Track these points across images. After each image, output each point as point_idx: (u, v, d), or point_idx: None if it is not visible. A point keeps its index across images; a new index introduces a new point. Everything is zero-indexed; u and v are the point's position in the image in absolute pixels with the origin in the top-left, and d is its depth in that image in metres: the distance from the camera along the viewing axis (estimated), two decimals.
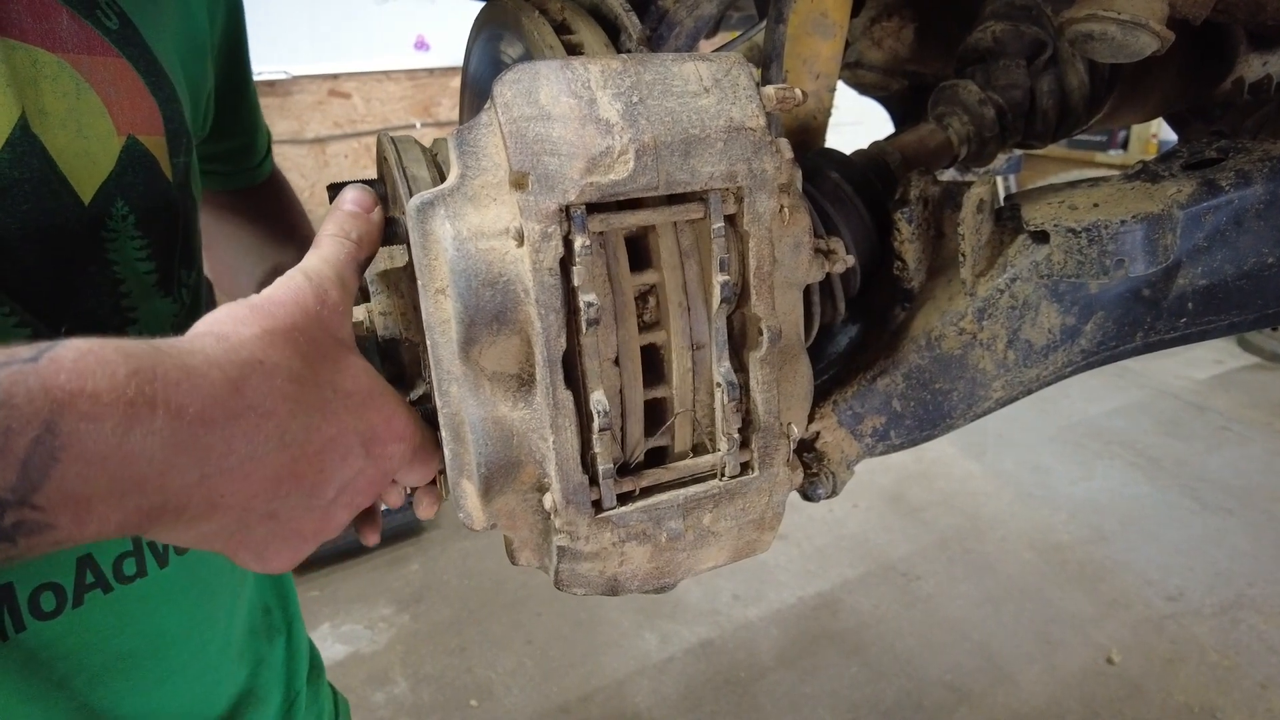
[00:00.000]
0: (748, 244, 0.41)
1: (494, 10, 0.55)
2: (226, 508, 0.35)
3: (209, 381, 0.34)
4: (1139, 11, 0.53)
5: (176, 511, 0.34)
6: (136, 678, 0.59)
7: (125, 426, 0.30)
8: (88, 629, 0.55)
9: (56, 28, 0.51)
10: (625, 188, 0.38)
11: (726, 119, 0.39)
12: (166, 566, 0.60)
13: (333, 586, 2.93)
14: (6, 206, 0.48)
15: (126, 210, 0.55)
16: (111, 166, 0.54)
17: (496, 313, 0.38)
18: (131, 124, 0.55)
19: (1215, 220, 0.55)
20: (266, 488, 0.36)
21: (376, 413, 0.41)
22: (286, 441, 0.36)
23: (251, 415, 0.35)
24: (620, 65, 0.39)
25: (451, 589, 2.90)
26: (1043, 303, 0.59)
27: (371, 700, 2.45)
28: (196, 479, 0.33)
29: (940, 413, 0.63)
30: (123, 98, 0.54)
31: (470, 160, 0.38)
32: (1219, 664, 2.35)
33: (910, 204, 0.59)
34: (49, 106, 0.50)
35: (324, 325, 0.40)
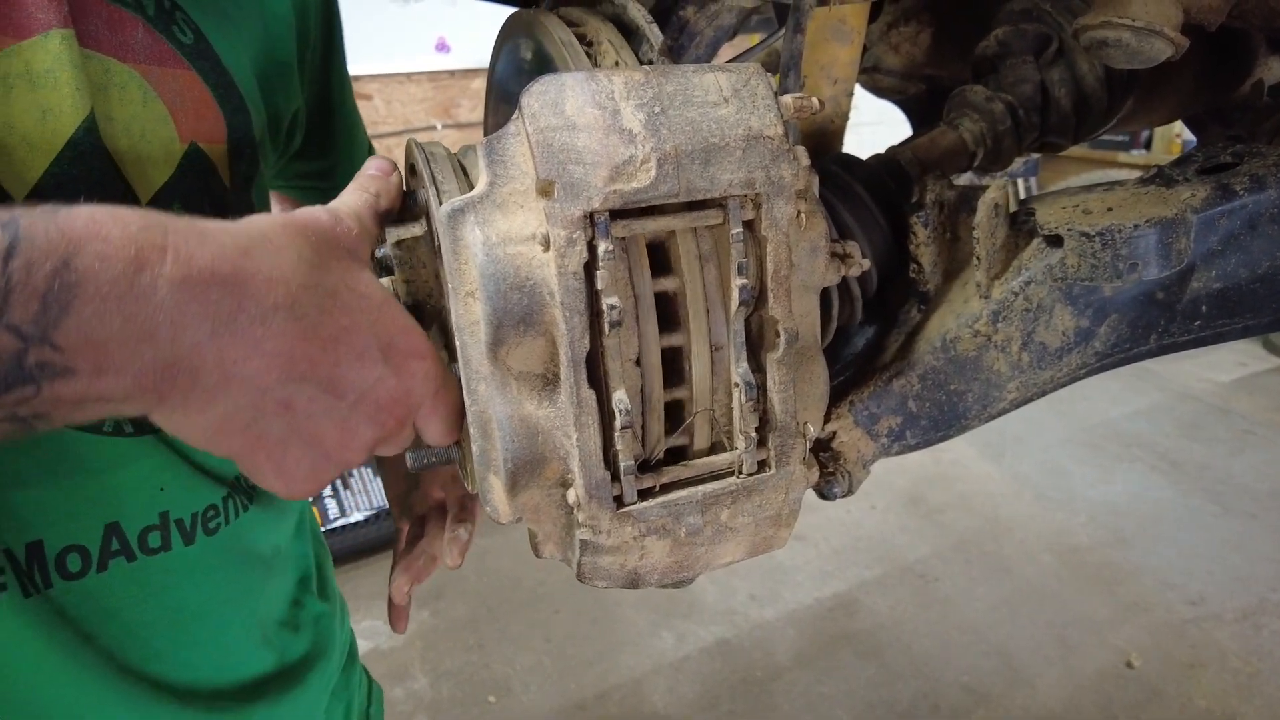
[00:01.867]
0: (765, 248, 0.42)
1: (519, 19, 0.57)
2: (240, 381, 0.36)
3: (218, 241, 0.35)
4: (1153, 18, 0.54)
5: (190, 375, 0.34)
6: (158, 645, 0.62)
7: (136, 267, 0.32)
8: (111, 594, 0.58)
9: (131, 40, 0.54)
10: (647, 195, 0.39)
11: (745, 128, 0.41)
12: (192, 545, 0.62)
13: (353, 583, 2.97)
14: (64, 201, 0.51)
15: (183, 212, 0.57)
16: (172, 171, 0.57)
17: (523, 315, 0.40)
18: (195, 132, 0.58)
19: (1229, 224, 0.56)
20: (279, 363, 0.37)
21: (393, 321, 0.41)
22: (297, 314, 0.37)
23: (260, 278, 0.36)
24: (643, 77, 0.40)
25: (470, 587, 2.93)
26: (1057, 305, 0.60)
27: (391, 695, 2.48)
28: (207, 334, 0.34)
29: (955, 414, 0.64)
30: (188, 107, 0.57)
31: (499, 169, 0.40)
32: (1241, 669, 2.33)
33: (926, 208, 0.60)
34: (115, 113, 0.53)
35: (339, 239, 0.41)
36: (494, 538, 3.18)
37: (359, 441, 0.41)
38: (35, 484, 0.55)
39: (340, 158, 0.89)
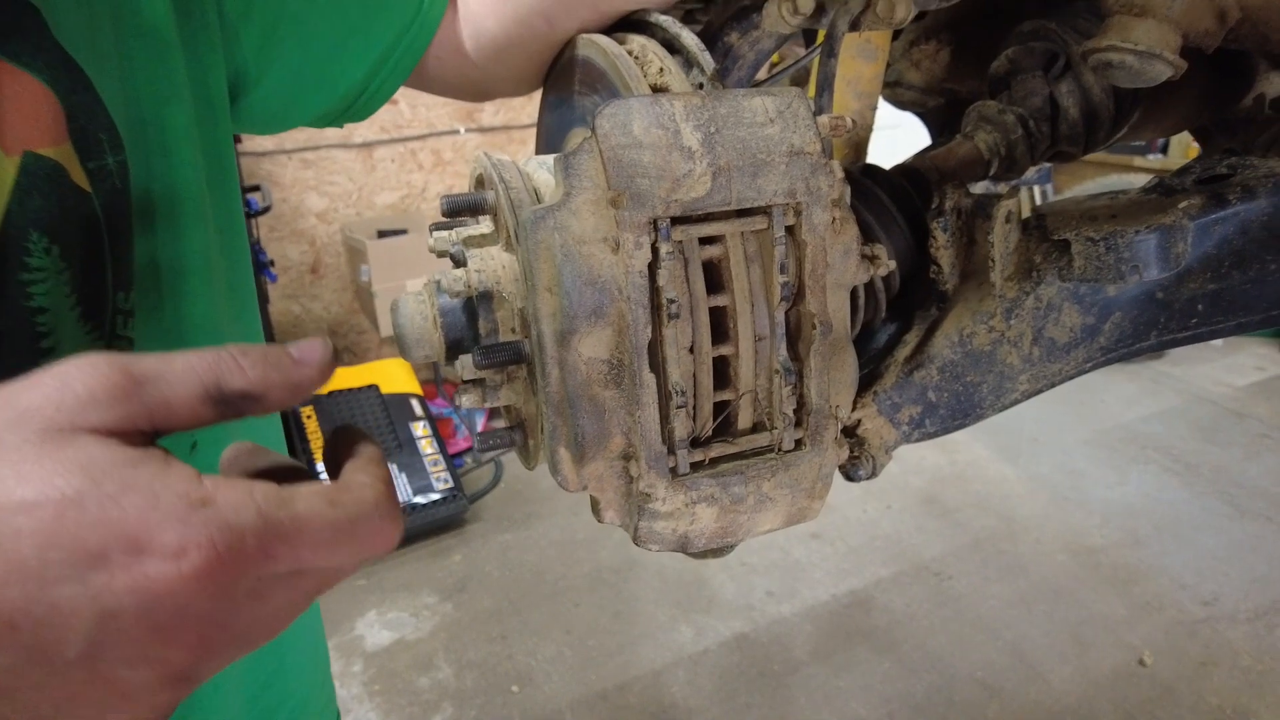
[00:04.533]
0: (804, 250, 0.48)
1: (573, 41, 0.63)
2: None
3: None
4: (1154, 43, 0.59)
5: None
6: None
7: None
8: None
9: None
10: (703, 204, 0.45)
11: (788, 145, 0.47)
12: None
13: (379, 575, 3.05)
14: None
15: (42, 238, 0.47)
16: (8, 194, 0.46)
17: (594, 308, 0.46)
18: (26, 138, 0.47)
19: (1223, 230, 0.61)
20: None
21: (95, 509, 0.29)
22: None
23: None
24: (700, 101, 0.46)
25: (493, 580, 3.00)
26: (1065, 304, 0.65)
27: (417, 684, 2.55)
28: None
29: (971, 403, 0.69)
30: (5, 107, 0.46)
31: (574, 181, 0.46)
32: (1253, 668, 2.36)
33: (945, 214, 0.65)
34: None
35: (30, 418, 0.30)
36: (517, 533, 3.25)
37: (136, 688, 0.31)
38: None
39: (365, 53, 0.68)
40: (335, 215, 4.15)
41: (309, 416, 3.33)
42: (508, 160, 0.59)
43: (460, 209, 0.56)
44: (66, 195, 0.49)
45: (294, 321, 4.20)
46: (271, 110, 0.72)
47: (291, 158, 3.97)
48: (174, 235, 0.59)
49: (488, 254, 0.57)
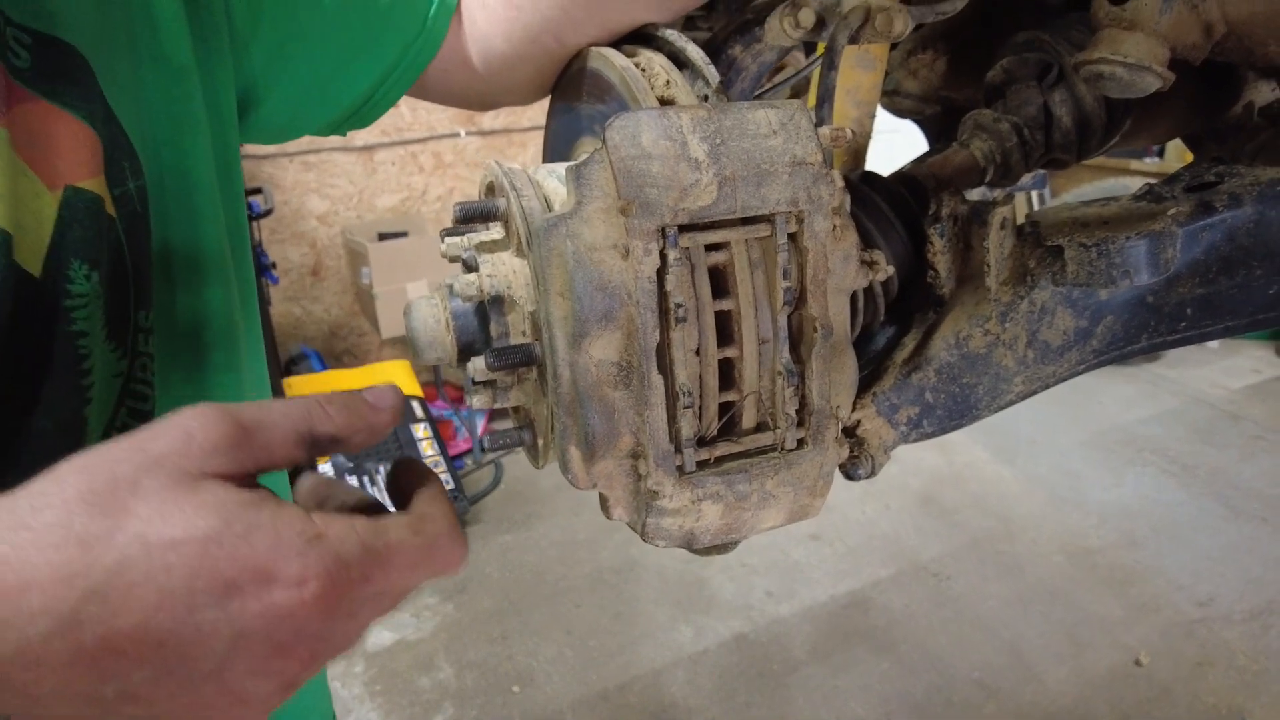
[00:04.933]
0: (806, 257, 0.50)
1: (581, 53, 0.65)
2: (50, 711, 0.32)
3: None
4: (1143, 56, 0.61)
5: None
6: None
7: None
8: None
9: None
10: (709, 213, 0.47)
11: (791, 155, 0.49)
12: None
13: None
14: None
15: (83, 266, 0.50)
16: (51, 227, 0.48)
17: (605, 312, 0.48)
18: (68, 173, 0.49)
19: (1210, 237, 0.63)
20: (83, 676, 0.32)
21: (229, 548, 0.33)
22: (75, 619, 0.31)
23: (34, 590, 0.31)
24: (706, 114, 0.48)
25: (493, 581, 3.02)
26: (1058, 308, 0.67)
27: (418, 684, 2.56)
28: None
29: (968, 404, 0.71)
30: (49, 145, 0.48)
31: (585, 190, 0.48)
32: (1248, 668, 2.38)
33: (942, 221, 0.67)
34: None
35: (167, 463, 0.34)
36: (517, 534, 3.27)
37: (255, 696, 0.36)
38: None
39: (370, 62, 0.69)
40: (336, 218, 4.17)
41: None
42: (518, 169, 0.61)
43: (473, 216, 0.58)
44: (102, 224, 0.51)
45: (295, 324, 4.22)
46: (277, 124, 0.74)
47: (293, 160, 3.99)
48: (190, 253, 0.61)
49: (499, 259, 0.59)
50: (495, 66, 0.68)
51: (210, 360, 0.65)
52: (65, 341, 0.49)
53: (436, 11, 0.67)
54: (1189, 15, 0.60)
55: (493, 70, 0.69)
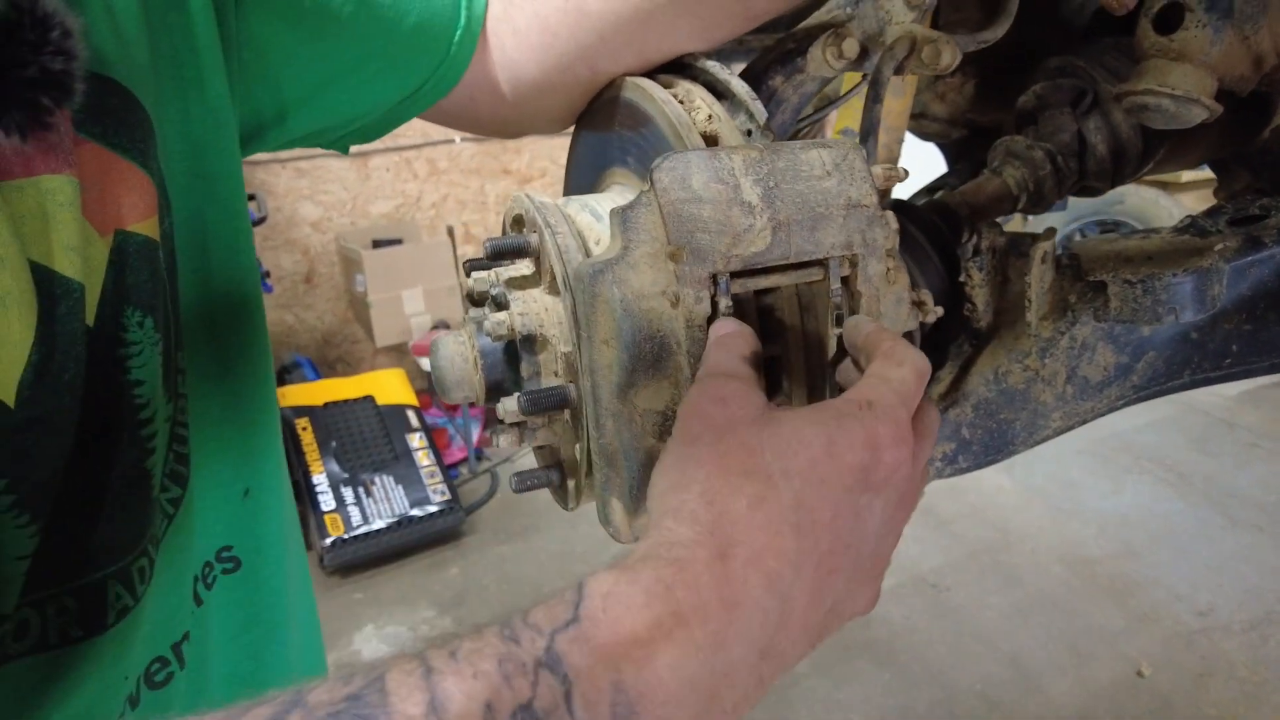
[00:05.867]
0: (859, 301, 0.48)
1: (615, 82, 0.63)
2: (794, 644, 0.37)
3: (705, 569, 0.34)
4: (1191, 88, 0.60)
5: (758, 687, 0.36)
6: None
7: (675, 654, 0.32)
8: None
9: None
10: (762, 259, 0.45)
11: (845, 198, 0.47)
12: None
13: (375, 589, 3.03)
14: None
15: (136, 312, 0.49)
16: (102, 273, 0.47)
17: (653, 361, 0.46)
18: (119, 218, 0.48)
19: (1258, 273, 0.62)
20: (812, 604, 0.37)
21: (842, 445, 0.38)
22: (800, 562, 0.36)
23: (755, 565, 0.35)
24: (758, 154, 0.46)
25: (490, 593, 2.98)
26: (1099, 344, 0.65)
27: None
28: (756, 657, 0.35)
29: (1004, 440, 0.69)
30: (102, 191, 0.46)
31: (632, 235, 0.46)
32: (1248, 679, 2.38)
33: (981, 254, 0.66)
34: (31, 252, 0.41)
35: (734, 427, 0.39)
36: (514, 545, 3.24)
37: (892, 546, 0.43)
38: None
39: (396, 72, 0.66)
40: (330, 224, 4.13)
41: (304, 428, 3.31)
42: (549, 202, 0.59)
43: (505, 252, 0.56)
44: (157, 268, 0.50)
45: (288, 331, 4.18)
46: (283, 142, 0.72)
47: (285, 167, 3.95)
48: (218, 286, 0.60)
49: (530, 296, 0.57)
50: (524, 94, 0.66)
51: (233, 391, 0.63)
52: (124, 391, 0.48)
53: (461, 38, 0.64)
54: (1239, 47, 0.59)
55: (521, 97, 0.67)
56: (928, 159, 1.06)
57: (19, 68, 0.39)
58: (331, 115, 0.69)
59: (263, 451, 0.67)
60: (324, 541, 2.96)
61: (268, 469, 0.67)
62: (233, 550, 0.63)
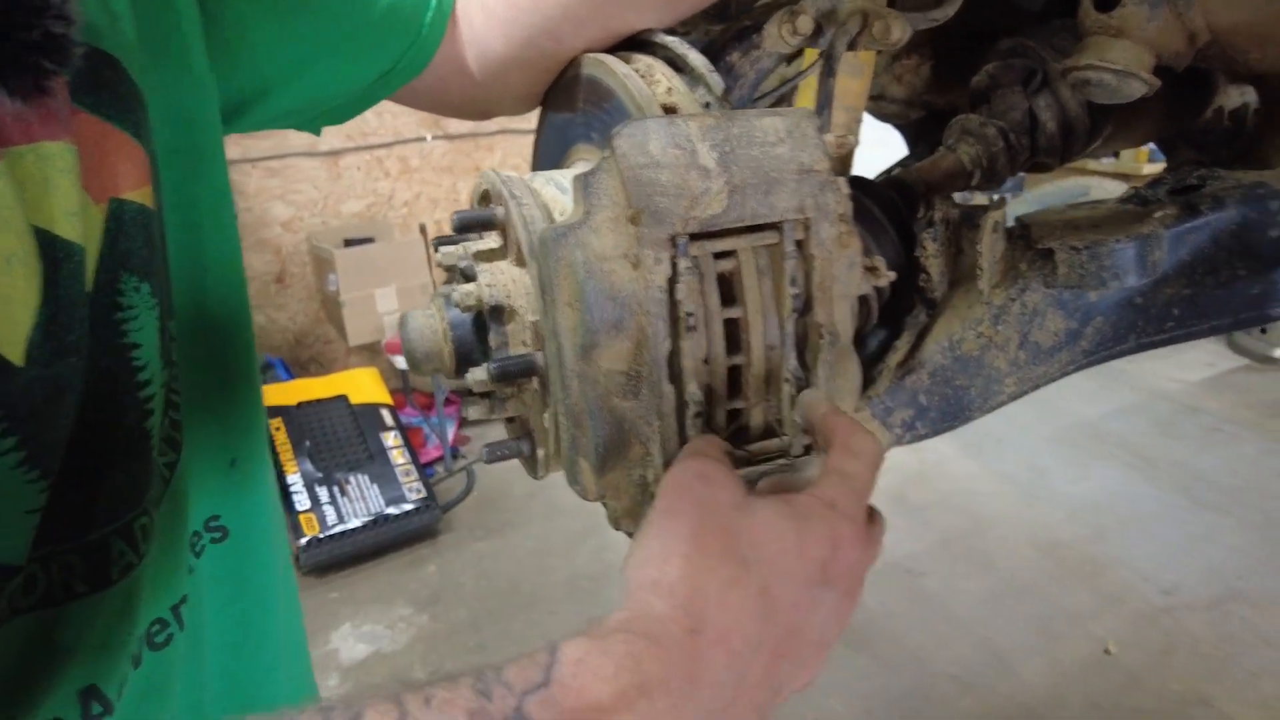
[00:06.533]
0: (813, 264, 0.50)
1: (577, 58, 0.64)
2: (740, 717, 0.39)
3: (675, 644, 0.37)
4: (1130, 63, 0.62)
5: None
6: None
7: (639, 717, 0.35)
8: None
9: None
10: (719, 221, 0.47)
11: (798, 163, 0.49)
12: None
13: (351, 588, 3.01)
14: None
15: (131, 278, 0.50)
16: (99, 240, 0.47)
17: (615, 322, 0.47)
18: (113, 186, 0.48)
19: (1196, 239, 0.64)
20: (762, 683, 0.39)
21: (810, 540, 0.41)
22: (759, 644, 0.39)
23: (721, 644, 0.38)
24: (714, 121, 0.48)
25: (468, 590, 2.98)
26: (1049, 310, 0.68)
27: None
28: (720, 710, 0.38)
29: (960, 406, 0.72)
30: (97, 159, 0.47)
31: (594, 199, 0.47)
32: (1212, 654, 2.44)
33: (935, 225, 0.68)
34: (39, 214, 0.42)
35: (715, 508, 0.42)
36: (491, 542, 3.24)
37: (829, 641, 0.44)
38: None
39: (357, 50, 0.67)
40: (301, 224, 4.10)
41: (277, 429, 3.29)
42: (516, 176, 0.60)
43: (471, 225, 0.57)
44: (153, 234, 0.51)
45: (260, 332, 4.14)
46: (255, 123, 0.73)
47: (255, 166, 3.92)
48: (206, 257, 0.61)
49: (498, 268, 0.58)
50: (492, 71, 0.68)
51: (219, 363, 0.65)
52: (121, 354, 0.50)
53: (433, 18, 0.66)
54: (1174, 23, 0.62)
55: (489, 75, 0.68)
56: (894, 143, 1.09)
57: (24, 30, 0.39)
58: (309, 94, 0.71)
59: (247, 424, 0.68)
60: (299, 541, 2.95)
61: (252, 441, 0.69)
62: (220, 520, 0.64)
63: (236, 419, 0.65)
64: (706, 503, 0.42)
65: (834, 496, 0.44)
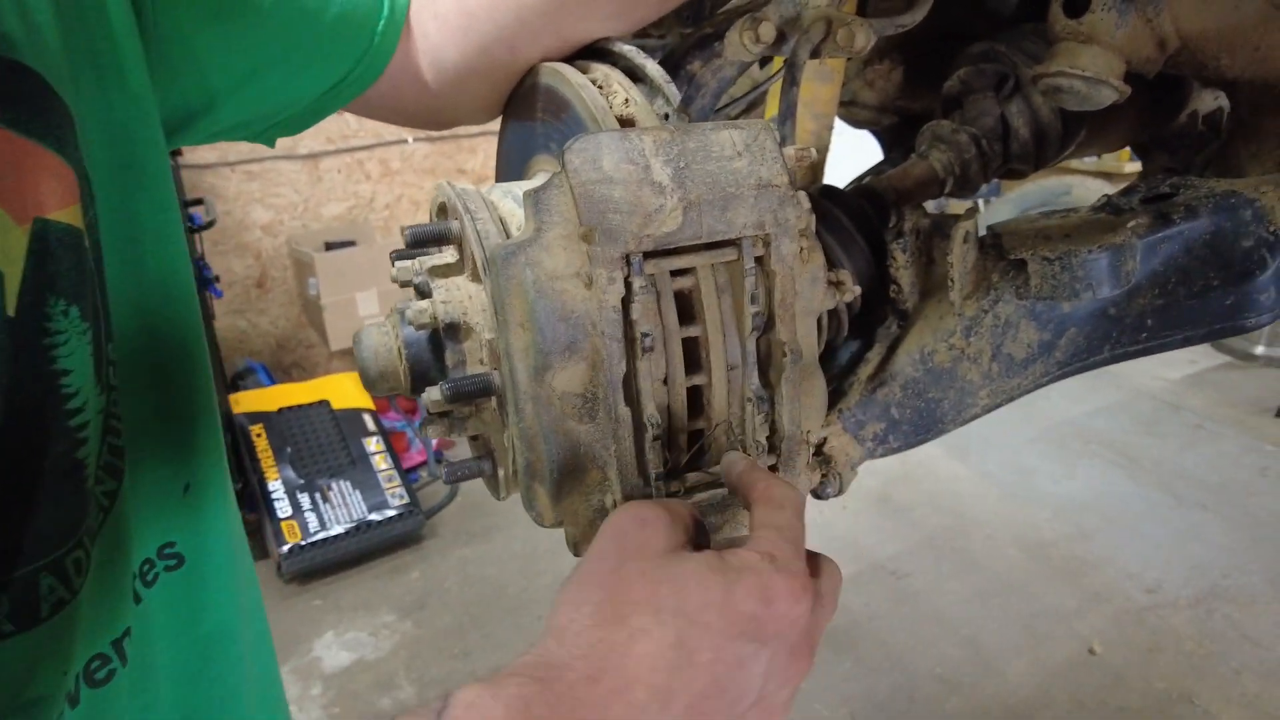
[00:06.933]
0: (774, 280, 0.49)
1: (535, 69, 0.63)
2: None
3: (567, 689, 0.37)
4: (1100, 69, 0.61)
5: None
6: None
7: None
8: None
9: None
10: (674, 238, 0.45)
11: (756, 178, 0.47)
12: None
13: (335, 595, 2.98)
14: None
15: (59, 301, 0.48)
16: (21, 263, 0.46)
17: (569, 343, 0.46)
18: (38, 205, 0.47)
19: (1169, 249, 0.63)
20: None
21: (739, 594, 0.39)
22: (668, 699, 0.38)
23: (621, 695, 0.37)
24: (669, 135, 0.46)
25: (452, 596, 2.96)
26: (1022, 321, 0.67)
27: (378, 705, 2.50)
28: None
29: (933, 419, 0.70)
30: (15, 178, 0.45)
31: (545, 216, 0.46)
32: (1195, 652, 2.45)
33: (905, 235, 0.67)
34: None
35: (643, 554, 0.41)
36: (476, 547, 3.22)
37: (781, 704, 0.43)
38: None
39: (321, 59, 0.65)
40: (281, 228, 4.06)
41: (259, 435, 3.25)
42: (472, 189, 0.58)
43: (425, 240, 0.55)
44: (81, 256, 0.49)
45: (240, 337, 4.10)
46: (207, 134, 0.71)
47: (235, 170, 3.88)
48: (146, 277, 0.59)
49: (453, 284, 0.56)
50: (447, 80, 0.66)
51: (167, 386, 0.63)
52: (49, 381, 0.48)
53: (385, 27, 0.64)
54: (1144, 29, 0.60)
55: (444, 84, 0.66)
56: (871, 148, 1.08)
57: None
58: (258, 106, 0.69)
59: (203, 448, 0.66)
60: (281, 549, 2.92)
61: (208, 465, 0.66)
62: (175, 546, 0.62)
63: (190, 442, 0.63)
64: (637, 550, 0.41)
65: (770, 549, 0.42)
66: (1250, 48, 0.62)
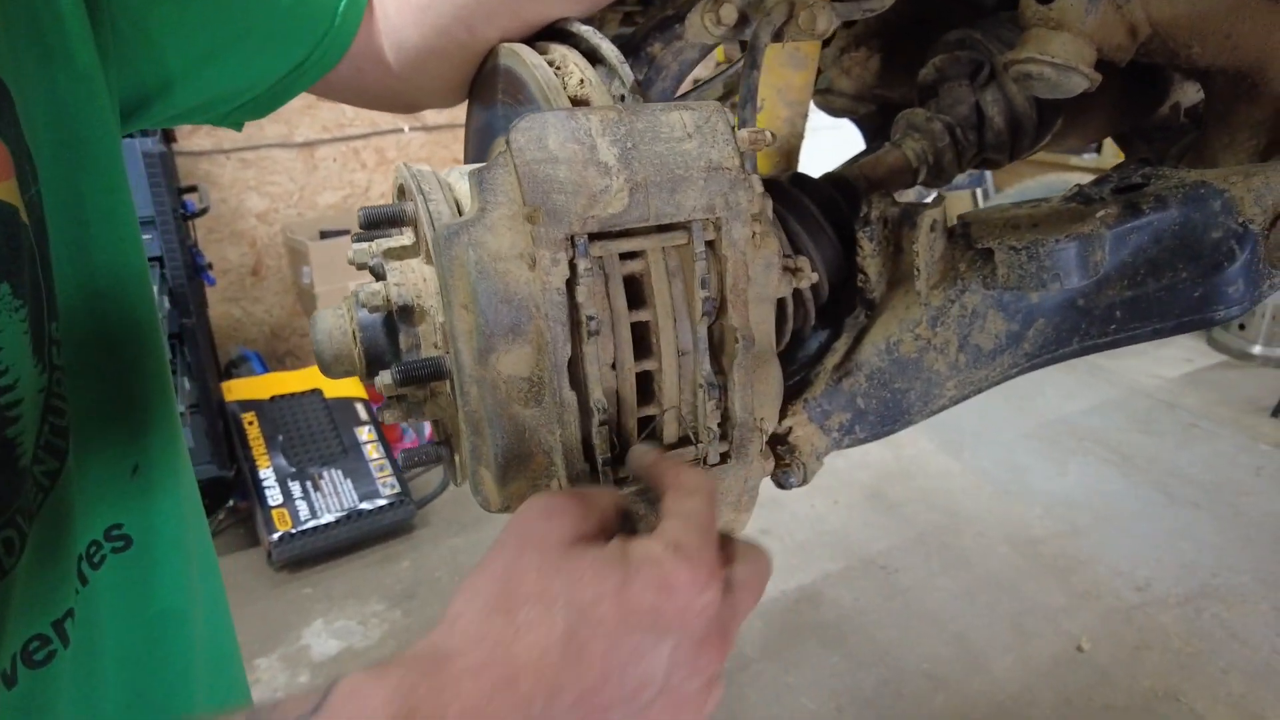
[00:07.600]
0: (725, 265, 0.48)
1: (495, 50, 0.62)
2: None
3: (452, 680, 0.36)
4: (1070, 57, 0.60)
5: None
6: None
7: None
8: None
9: None
10: (621, 220, 0.45)
11: (707, 160, 0.46)
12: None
13: (325, 584, 2.98)
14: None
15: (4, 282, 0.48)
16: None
17: (512, 325, 0.45)
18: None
19: (1138, 239, 0.62)
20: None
21: (636, 586, 0.39)
22: (557, 691, 0.37)
23: (507, 686, 0.36)
24: (616, 115, 0.46)
25: (443, 586, 2.96)
26: (989, 311, 0.66)
27: None
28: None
29: (900, 409, 0.70)
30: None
31: (489, 196, 0.45)
32: (1183, 650, 2.44)
33: (871, 223, 0.66)
34: None
35: (543, 547, 0.40)
36: (467, 537, 3.22)
37: (692, 696, 0.42)
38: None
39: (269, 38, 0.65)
40: (276, 216, 4.05)
41: (250, 422, 3.25)
42: (428, 170, 0.58)
43: (378, 221, 0.55)
44: (15, 232, 0.49)
45: (234, 325, 4.09)
46: (168, 117, 0.71)
47: (230, 157, 3.86)
48: (93, 258, 0.58)
49: (408, 267, 0.56)
50: (408, 61, 0.65)
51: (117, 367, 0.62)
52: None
53: (346, 8, 0.63)
54: (1114, 16, 0.59)
55: (405, 65, 0.66)
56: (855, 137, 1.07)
57: None
58: (217, 87, 0.68)
59: (153, 428, 0.65)
60: (271, 537, 2.91)
61: (158, 447, 0.66)
62: (123, 528, 0.61)
63: (138, 424, 0.62)
64: (536, 541, 0.41)
65: (676, 538, 0.41)
66: (1221, 35, 0.61)
